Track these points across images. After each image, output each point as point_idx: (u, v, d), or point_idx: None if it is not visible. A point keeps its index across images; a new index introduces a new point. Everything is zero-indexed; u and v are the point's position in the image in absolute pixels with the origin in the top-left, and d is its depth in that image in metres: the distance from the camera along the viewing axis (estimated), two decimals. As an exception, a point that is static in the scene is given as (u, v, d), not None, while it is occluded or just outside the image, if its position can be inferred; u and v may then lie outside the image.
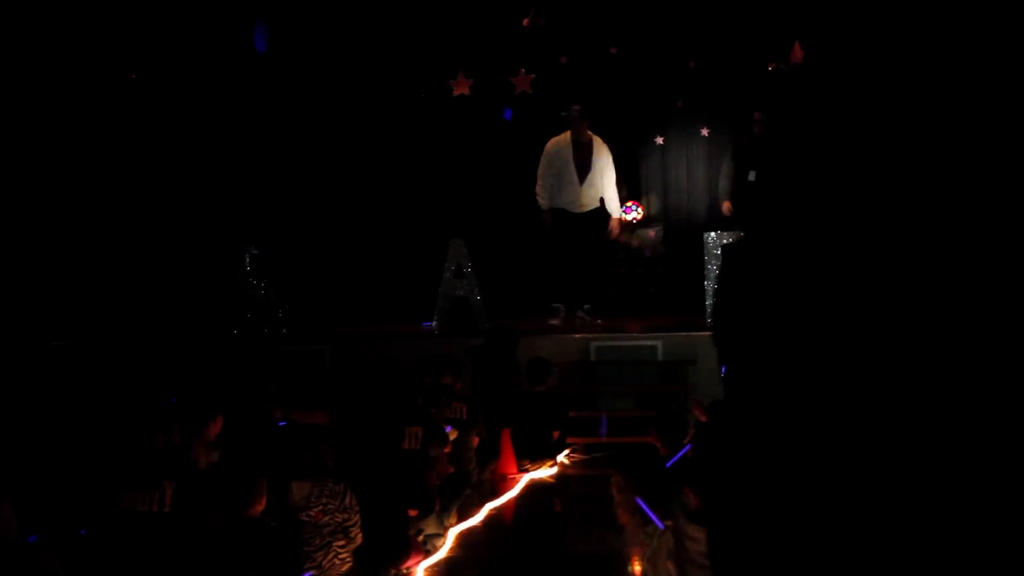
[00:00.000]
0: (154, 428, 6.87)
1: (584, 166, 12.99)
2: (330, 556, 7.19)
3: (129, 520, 6.18)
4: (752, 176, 13.24)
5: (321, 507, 7.12)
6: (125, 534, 6.08)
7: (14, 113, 12.78)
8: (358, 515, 7.32)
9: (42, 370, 10.91)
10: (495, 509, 9.81)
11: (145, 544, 6.01)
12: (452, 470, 9.55)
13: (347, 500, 7.26)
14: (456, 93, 14.20)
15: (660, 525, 6.50)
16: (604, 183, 13.08)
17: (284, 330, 13.05)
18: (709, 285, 11.96)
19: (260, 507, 6.55)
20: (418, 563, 8.05)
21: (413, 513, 8.42)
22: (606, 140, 13.10)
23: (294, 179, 15.08)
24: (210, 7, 12.55)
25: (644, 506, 6.75)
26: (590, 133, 12.96)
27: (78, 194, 13.73)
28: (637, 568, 6.87)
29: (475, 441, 10.12)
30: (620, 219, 13.56)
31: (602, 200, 13.13)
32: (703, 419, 7.35)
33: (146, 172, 14.12)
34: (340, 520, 7.21)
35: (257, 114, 14.32)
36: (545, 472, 9.78)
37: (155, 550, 5.99)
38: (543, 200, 13.13)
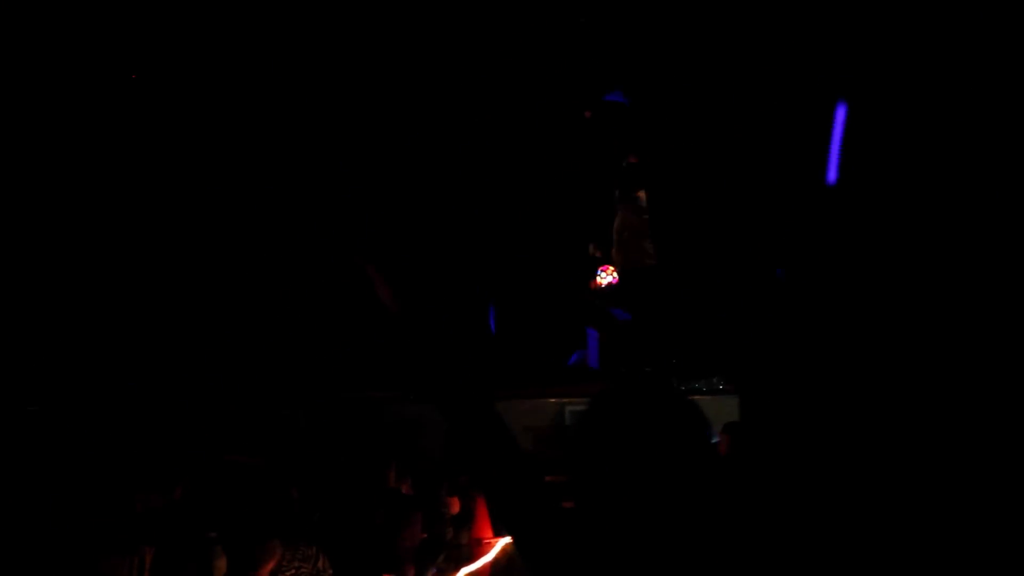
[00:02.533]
0: (135, 491, 6.90)
1: None
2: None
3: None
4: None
5: (293, 571, 7.10)
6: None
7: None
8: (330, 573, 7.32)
9: (16, 434, 10.88)
10: (471, 574, 9.83)
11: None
12: (425, 535, 9.57)
13: (320, 563, 7.24)
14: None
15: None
16: None
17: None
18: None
19: (267, 570, 6.56)
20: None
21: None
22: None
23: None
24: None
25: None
26: None
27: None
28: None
29: (455, 507, 10.15)
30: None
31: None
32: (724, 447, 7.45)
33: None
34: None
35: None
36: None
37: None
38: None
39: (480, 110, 14.31)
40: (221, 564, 6.66)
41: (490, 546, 10.33)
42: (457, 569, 9.81)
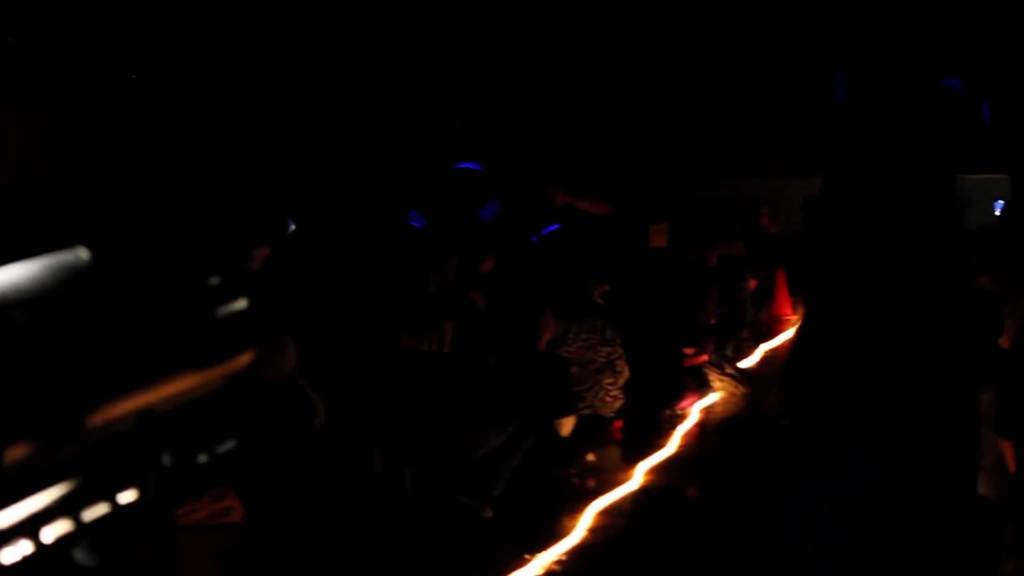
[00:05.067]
0: (430, 270, 7.01)
1: None
2: (600, 394, 7.26)
3: (411, 360, 6.34)
4: None
5: (581, 343, 7.14)
6: (407, 375, 6.24)
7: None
8: (622, 348, 7.32)
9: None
10: (770, 350, 9.74)
11: (427, 384, 6.17)
12: (726, 311, 9.49)
13: (608, 333, 7.25)
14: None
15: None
16: None
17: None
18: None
19: (545, 341, 6.65)
20: (692, 404, 8.06)
21: (688, 351, 8.41)
22: None
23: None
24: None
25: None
26: None
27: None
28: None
29: (752, 283, 10.03)
30: None
31: None
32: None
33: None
34: (605, 355, 7.23)
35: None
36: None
37: (437, 389, 6.13)
38: None
39: None
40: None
41: (789, 323, 10.18)
42: (756, 346, 9.73)
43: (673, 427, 7.58)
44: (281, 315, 5.35)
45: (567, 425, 6.84)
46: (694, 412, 7.98)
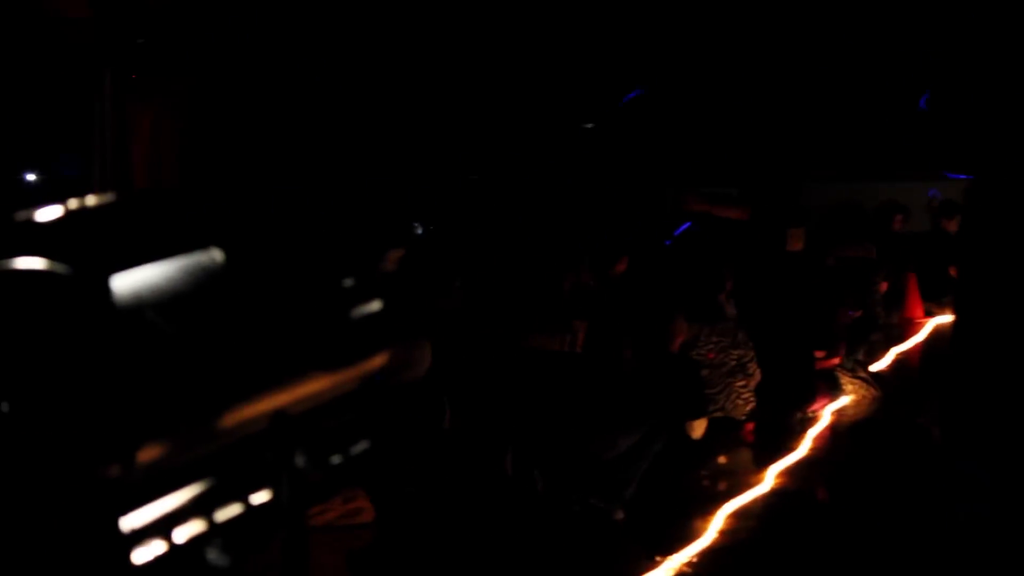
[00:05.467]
0: (564, 270, 7.02)
1: None
2: (732, 396, 7.20)
3: (541, 360, 6.35)
4: None
5: (713, 345, 7.10)
6: (538, 375, 6.25)
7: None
8: (753, 351, 7.26)
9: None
10: (902, 353, 9.58)
11: (558, 384, 6.17)
12: (860, 313, 9.35)
13: (739, 336, 7.20)
14: None
15: None
16: None
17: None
18: None
19: (678, 343, 6.65)
20: (824, 407, 7.94)
21: (820, 354, 8.29)
22: None
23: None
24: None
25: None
26: None
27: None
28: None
29: (883, 285, 9.87)
30: None
31: None
32: None
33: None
34: (736, 357, 7.18)
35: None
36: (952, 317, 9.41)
37: (568, 390, 6.13)
38: None
39: None
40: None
41: (920, 326, 10.03)
42: (888, 348, 9.57)
43: (804, 430, 7.48)
44: (416, 318, 5.38)
45: (699, 427, 6.81)
46: (825, 415, 7.86)
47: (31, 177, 9.94)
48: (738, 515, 6.01)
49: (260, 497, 1.03)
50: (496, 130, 11.92)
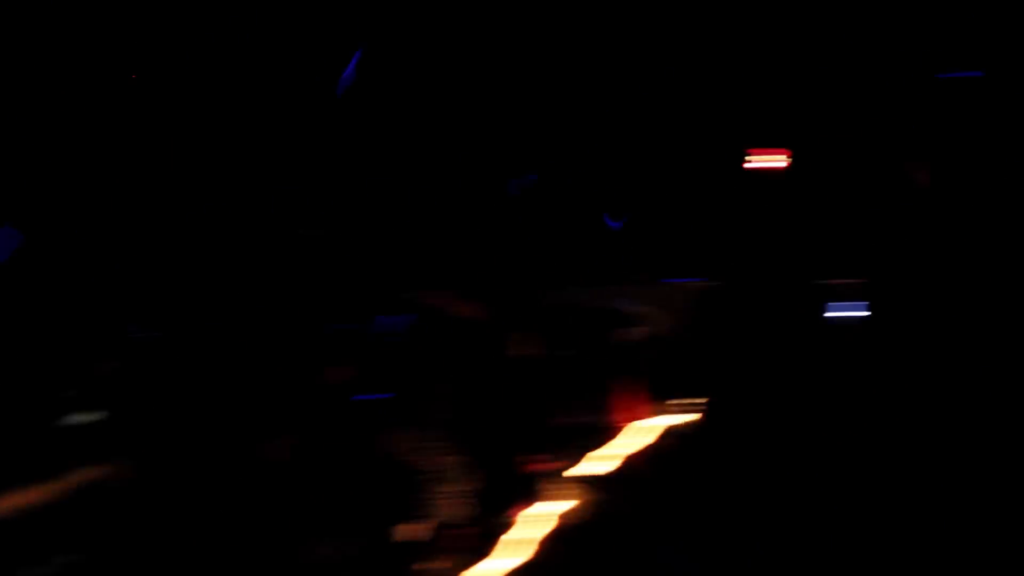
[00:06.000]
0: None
1: None
2: (440, 501, 7.19)
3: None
4: None
5: (422, 450, 7.09)
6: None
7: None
8: (461, 455, 7.29)
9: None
10: (613, 453, 9.76)
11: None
12: (575, 415, 9.50)
13: (449, 441, 7.21)
14: None
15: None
16: None
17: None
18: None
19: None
20: (534, 509, 8.01)
21: (531, 457, 8.37)
22: None
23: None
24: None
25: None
26: None
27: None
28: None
29: (606, 387, 10.06)
30: None
31: None
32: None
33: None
34: (445, 462, 7.18)
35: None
36: (664, 420, 9.68)
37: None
38: None
39: None
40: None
41: (635, 427, 10.25)
42: (600, 448, 9.75)
43: (514, 534, 7.53)
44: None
45: (407, 532, 6.78)
46: (536, 518, 7.92)
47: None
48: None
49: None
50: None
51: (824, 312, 8.66)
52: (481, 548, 7.20)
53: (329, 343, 7.92)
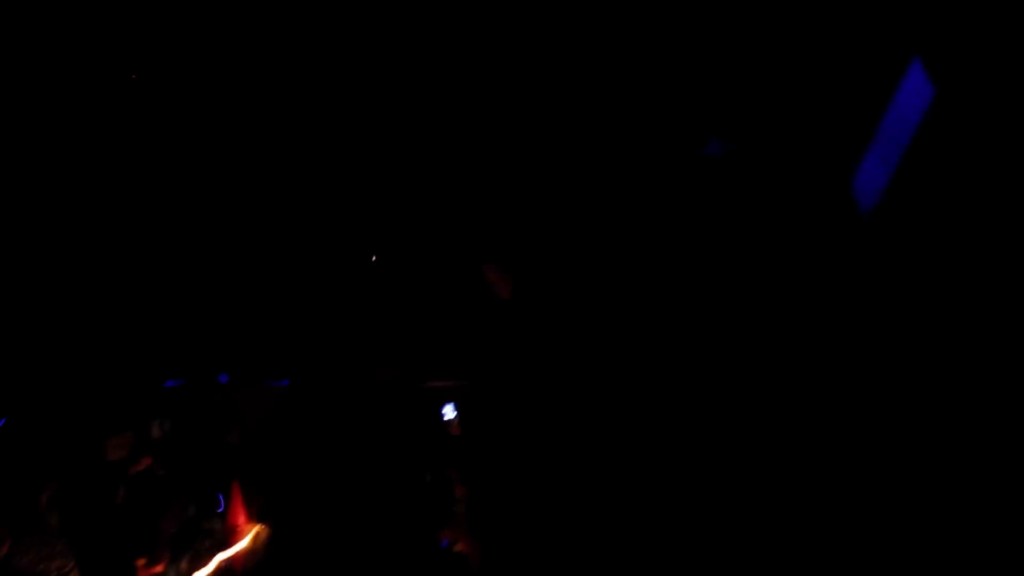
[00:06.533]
0: None
1: None
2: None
3: None
4: None
5: (31, 555, 6.91)
6: None
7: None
8: (74, 561, 7.14)
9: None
10: (226, 560, 9.75)
11: None
12: (183, 520, 9.45)
13: (59, 547, 7.05)
14: None
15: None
16: None
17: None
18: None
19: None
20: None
21: (141, 562, 8.28)
22: None
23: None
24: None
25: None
26: None
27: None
28: None
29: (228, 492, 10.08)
30: None
31: None
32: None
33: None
34: (56, 568, 7.03)
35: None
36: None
37: None
38: None
39: None
40: None
41: (245, 532, 10.28)
42: (213, 554, 9.71)
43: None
44: None
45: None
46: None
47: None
48: None
49: None
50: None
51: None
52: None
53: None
